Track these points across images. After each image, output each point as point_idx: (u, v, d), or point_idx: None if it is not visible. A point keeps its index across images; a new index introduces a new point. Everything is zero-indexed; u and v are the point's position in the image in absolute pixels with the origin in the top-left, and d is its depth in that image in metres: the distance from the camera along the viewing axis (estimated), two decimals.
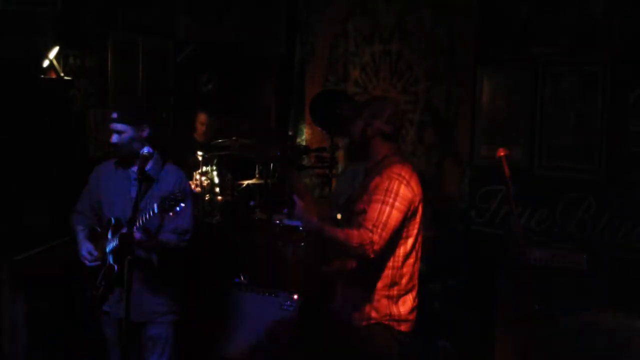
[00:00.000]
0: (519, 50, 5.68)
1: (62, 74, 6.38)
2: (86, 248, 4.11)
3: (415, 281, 3.75)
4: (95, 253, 4.08)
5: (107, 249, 4.02)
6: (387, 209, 3.49)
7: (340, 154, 6.42)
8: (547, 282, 4.57)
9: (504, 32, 5.80)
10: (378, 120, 3.71)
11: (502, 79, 5.87)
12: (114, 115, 4.06)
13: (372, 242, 3.44)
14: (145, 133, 4.07)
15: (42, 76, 6.32)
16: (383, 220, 3.47)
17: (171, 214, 3.74)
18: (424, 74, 6.50)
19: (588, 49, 5.25)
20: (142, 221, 3.77)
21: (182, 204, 3.68)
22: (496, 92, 5.88)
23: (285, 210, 5.58)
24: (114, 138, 4.06)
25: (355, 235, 3.48)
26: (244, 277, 5.65)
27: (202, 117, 7.00)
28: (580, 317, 4.57)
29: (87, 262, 4.09)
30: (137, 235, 3.79)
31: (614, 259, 4.93)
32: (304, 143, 7.61)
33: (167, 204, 3.65)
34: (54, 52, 6.32)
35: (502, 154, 3.67)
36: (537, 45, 5.56)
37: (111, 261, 3.99)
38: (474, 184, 6.00)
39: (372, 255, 3.47)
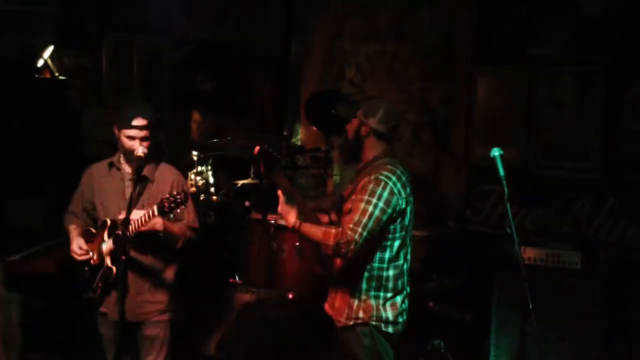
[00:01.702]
0: (516, 50, 5.68)
1: (57, 74, 6.38)
2: (77, 243, 4.10)
3: (405, 284, 3.75)
4: (86, 248, 4.07)
5: (104, 252, 4.01)
6: (370, 209, 3.50)
7: (335, 153, 6.41)
8: (542, 281, 4.57)
9: (500, 32, 5.79)
10: (371, 119, 3.71)
11: (498, 78, 5.86)
12: (141, 121, 3.94)
13: (349, 242, 3.46)
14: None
15: (37, 76, 6.32)
16: (364, 221, 3.48)
17: (172, 215, 3.73)
18: (420, 73, 6.49)
19: (584, 49, 5.25)
20: (140, 222, 3.76)
21: (183, 207, 3.68)
22: (492, 92, 5.87)
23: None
24: (142, 149, 3.93)
25: (332, 234, 3.50)
26: (238, 277, 5.64)
27: (194, 116, 6.99)
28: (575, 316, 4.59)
29: (76, 257, 4.09)
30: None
31: (609, 258, 4.93)
32: (299, 143, 7.60)
33: (168, 206, 3.62)
34: (48, 52, 6.32)
35: (496, 154, 3.67)
36: (534, 46, 5.55)
37: (109, 263, 3.99)
38: (469, 183, 5.99)
39: (350, 254, 3.49)
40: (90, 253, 4.10)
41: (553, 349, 4.48)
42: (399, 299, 3.70)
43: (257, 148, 3.95)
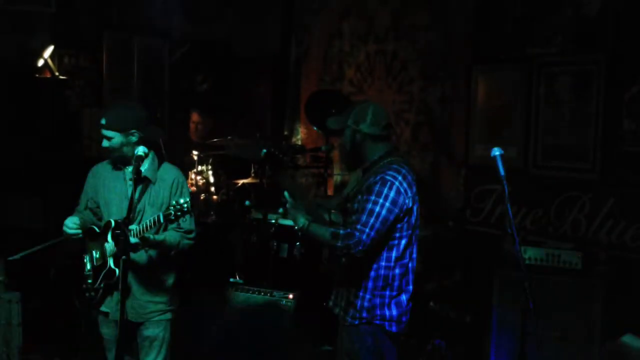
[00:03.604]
0: (514, 50, 5.69)
1: (57, 74, 6.39)
2: (71, 220, 4.09)
3: (410, 283, 3.77)
4: (79, 223, 4.06)
5: (107, 253, 4.01)
6: (377, 209, 3.52)
7: (335, 153, 6.42)
8: (542, 281, 4.58)
9: (498, 32, 5.80)
10: (362, 125, 3.71)
11: (496, 78, 5.87)
12: (102, 121, 4.06)
13: (357, 242, 3.48)
14: (134, 137, 4.07)
15: (37, 76, 6.32)
16: (371, 221, 3.51)
17: (176, 224, 3.79)
18: (419, 73, 6.50)
19: (583, 49, 5.26)
20: (143, 227, 3.78)
21: (189, 216, 3.74)
22: (491, 92, 5.88)
23: (281, 210, 5.60)
24: (104, 143, 4.08)
25: (341, 235, 3.52)
26: (239, 277, 5.66)
27: (194, 116, 7.00)
28: (575, 316, 4.60)
29: (67, 230, 4.06)
30: (133, 240, 3.81)
31: (609, 258, 4.94)
32: (299, 143, 7.61)
33: (173, 214, 3.66)
34: (49, 52, 6.32)
35: (497, 153, 3.67)
36: (532, 45, 5.56)
37: (112, 265, 3.99)
38: (469, 183, 6.00)
39: (358, 254, 3.51)
40: (89, 249, 4.10)
41: (553, 349, 4.49)
42: (404, 297, 3.72)
43: (264, 150, 3.99)
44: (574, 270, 4.73)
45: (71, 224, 4.08)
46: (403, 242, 3.67)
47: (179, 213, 3.66)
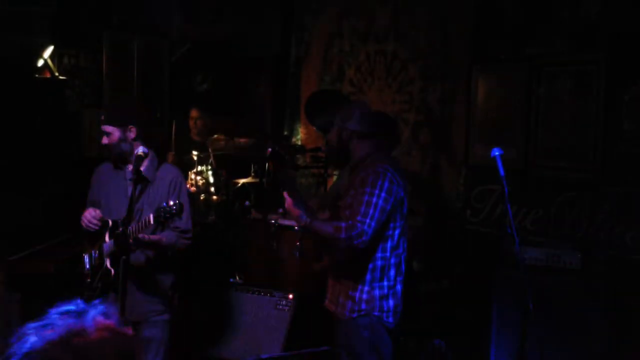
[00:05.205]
0: (514, 50, 5.69)
1: (56, 74, 6.39)
2: (92, 214, 4.02)
3: (403, 272, 3.83)
4: (99, 216, 4.01)
5: (105, 252, 4.02)
6: (374, 200, 3.61)
7: None
8: (542, 281, 4.57)
9: (499, 32, 5.80)
10: (349, 122, 3.82)
11: (497, 78, 5.87)
12: (102, 117, 4.14)
13: (360, 234, 3.55)
14: (132, 134, 4.08)
15: (37, 76, 6.33)
16: (370, 213, 3.59)
17: (167, 224, 3.81)
18: (419, 73, 6.50)
19: (583, 49, 5.26)
20: (136, 229, 3.78)
21: (178, 218, 3.77)
22: (491, 92, 5.88)
23: (281, 210, 5.60)
24: (103, 139, 4.12)
25: (343, 228, 3.57)
26: (239, 277, 5.65)
27: (192, 112, 6.99)
28: (575, 316, 4.59)
29: (84, 220, 4.02)
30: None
31: (609, 259, 4.94)
32: (299, 143, 7.61)
33: (163, 216, 3.68)
34: (48, 52, 6.33)
35: (497, 153, 3.68)
36: (532, 45, 5.56)
37: (108, 265, 3.99)
38: (469, 183, 6.00)
39: (361, 246, 3.57)
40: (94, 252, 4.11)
41: (553, 349, 4.48)
42: (399, 287, 3.79)
43: (269, 150, 4.10)
44: (574, 270, 4.72)
45: (94, 213, 4.02)
46: (397, 232, 3.78)
47: (168, 215, 3.68)
